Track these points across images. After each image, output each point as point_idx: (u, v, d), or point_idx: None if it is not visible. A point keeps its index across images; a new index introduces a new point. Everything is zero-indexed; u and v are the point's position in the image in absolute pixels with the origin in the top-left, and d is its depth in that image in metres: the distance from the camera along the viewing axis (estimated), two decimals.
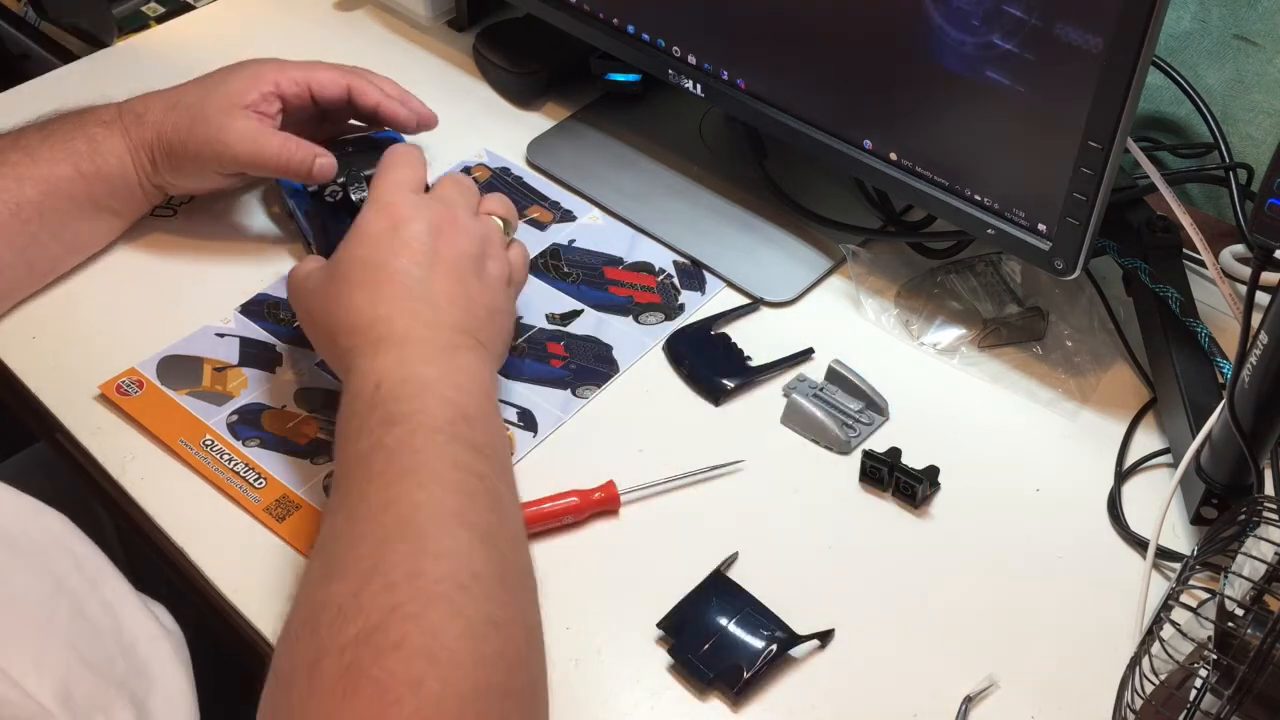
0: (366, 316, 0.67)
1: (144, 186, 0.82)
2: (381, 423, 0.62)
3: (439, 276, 0.69)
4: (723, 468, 0.75)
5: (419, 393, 0.64)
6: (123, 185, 0.82)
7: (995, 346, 0.83)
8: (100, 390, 0.77)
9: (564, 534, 0.72)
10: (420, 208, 0.71)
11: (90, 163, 0.80)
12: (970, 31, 0.70)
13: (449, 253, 0.70)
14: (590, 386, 0.80)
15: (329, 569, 0.57)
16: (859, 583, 0.70)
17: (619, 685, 0.65)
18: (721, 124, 1.00)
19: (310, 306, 0.71)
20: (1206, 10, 0.90)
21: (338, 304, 0.68)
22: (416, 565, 0.56)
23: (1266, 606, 0.54)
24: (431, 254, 0.69)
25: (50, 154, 0.79)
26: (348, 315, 0.67)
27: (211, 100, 0.80)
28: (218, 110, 0.79)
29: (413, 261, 0.69)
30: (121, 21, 1.12)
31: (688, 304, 0.86)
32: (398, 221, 0.70)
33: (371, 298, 0.67)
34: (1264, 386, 0.62)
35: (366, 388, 0.64)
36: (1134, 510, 0.73)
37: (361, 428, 0.62)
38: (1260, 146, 0.93)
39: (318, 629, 0.54)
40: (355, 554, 0.57)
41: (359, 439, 0.62)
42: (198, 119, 0.80)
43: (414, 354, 0.66)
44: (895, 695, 0.65)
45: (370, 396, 0.63)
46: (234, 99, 0.80)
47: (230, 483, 0.73)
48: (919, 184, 0.78)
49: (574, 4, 0.92)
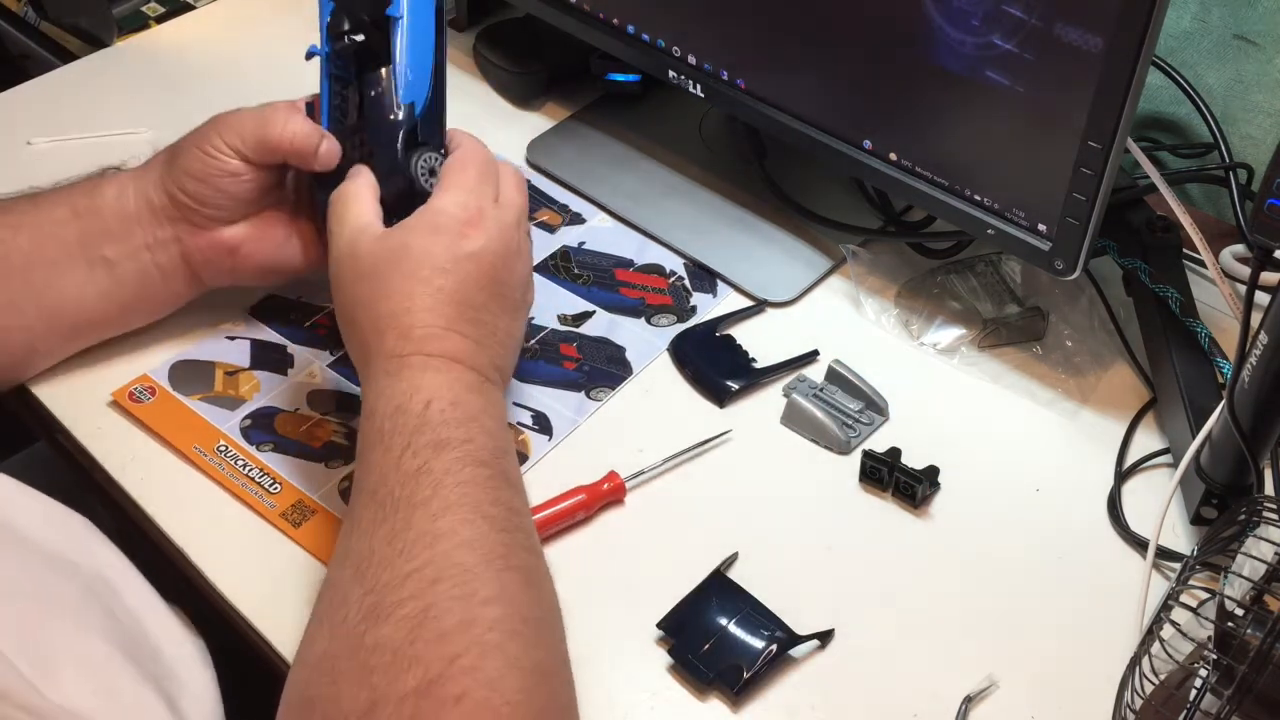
0: (423, 322, 0.65)
1: (143, 224, 0.74)
2: (430, 445, 0.61)
3: (494, 305, 0.68)
4: (712, 440, 0.76)
5: (467, 420, 0.63)
6: (117, 221, 0.74)
7: (995, 346, 0.83)
8: (113, 397, 0.77)
9: (564, 535, 0.72)
10: (496, 223, 0.68)
11: (86, 198, 0.74)
12: (970, 31, 0.70)
13: (508, 279, 0.69)
14: (604, 389, 0.80)
15: (377, 604, 0.55)
16: (859, 583, 0.70)
17: (619, 685, 0.65)
18: (721, 124, 1.00)
19: (361, 271, 0.67)
20: (1206, 10, 0.91)
21: (394, 294, 0.65)
22: (469, 612, 0.55)
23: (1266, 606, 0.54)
24: (496, 281, 0.67)
25: (54, 197, 0.75)
26: (405, 315, 0.65)
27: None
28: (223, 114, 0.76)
29: (478, 284, 0.67)
30: (121, 21, 1.12)
31: (699, 306, 0.86)
32: (478, 229, 0.67)
33: (432, 305, 0.65)
34: (1264, 386, 0.62)
35: (416, 402, 0.62)
36: (1134, 510, 0.73)
37: (408, 445, 0.61)
38: (1260, 146, 0.93)
39: (370, 674, 0.53)
40: (405, 591, 0.55)
41: (404, 456, 0.60)
42: (204, 123, 0.76)
43: (462, 379, 0.65)
44: (895, 695, 0.65)
45: (420, 413, 0.62)
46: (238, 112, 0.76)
47: (245, 489, 0.73)
48: (919, 184, 0.78)
49: (574, 4, 0.92)
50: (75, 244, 0.74)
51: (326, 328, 0.83)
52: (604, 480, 0.73)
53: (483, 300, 0.67)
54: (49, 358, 0.78)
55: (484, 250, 0.67)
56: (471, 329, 0.66)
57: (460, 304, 0.66)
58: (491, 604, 0.56)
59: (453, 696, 0.52)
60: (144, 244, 0.74)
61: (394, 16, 0.72)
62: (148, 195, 0.74)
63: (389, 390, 0.63)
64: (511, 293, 0.69)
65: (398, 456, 0.61)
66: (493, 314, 0.68)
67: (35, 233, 0.73)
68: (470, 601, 0.56)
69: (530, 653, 0.56)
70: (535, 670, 0.55)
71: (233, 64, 1.05)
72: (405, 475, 0.60)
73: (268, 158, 0.73)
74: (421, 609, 0.55)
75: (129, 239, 0.74)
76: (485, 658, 0.54)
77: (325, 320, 0.83)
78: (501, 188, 0.71)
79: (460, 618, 0.55)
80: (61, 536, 0.59)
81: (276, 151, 0.73)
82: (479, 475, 0.61)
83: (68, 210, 0.74)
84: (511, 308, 0.69)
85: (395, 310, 0.65)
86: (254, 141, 0.72)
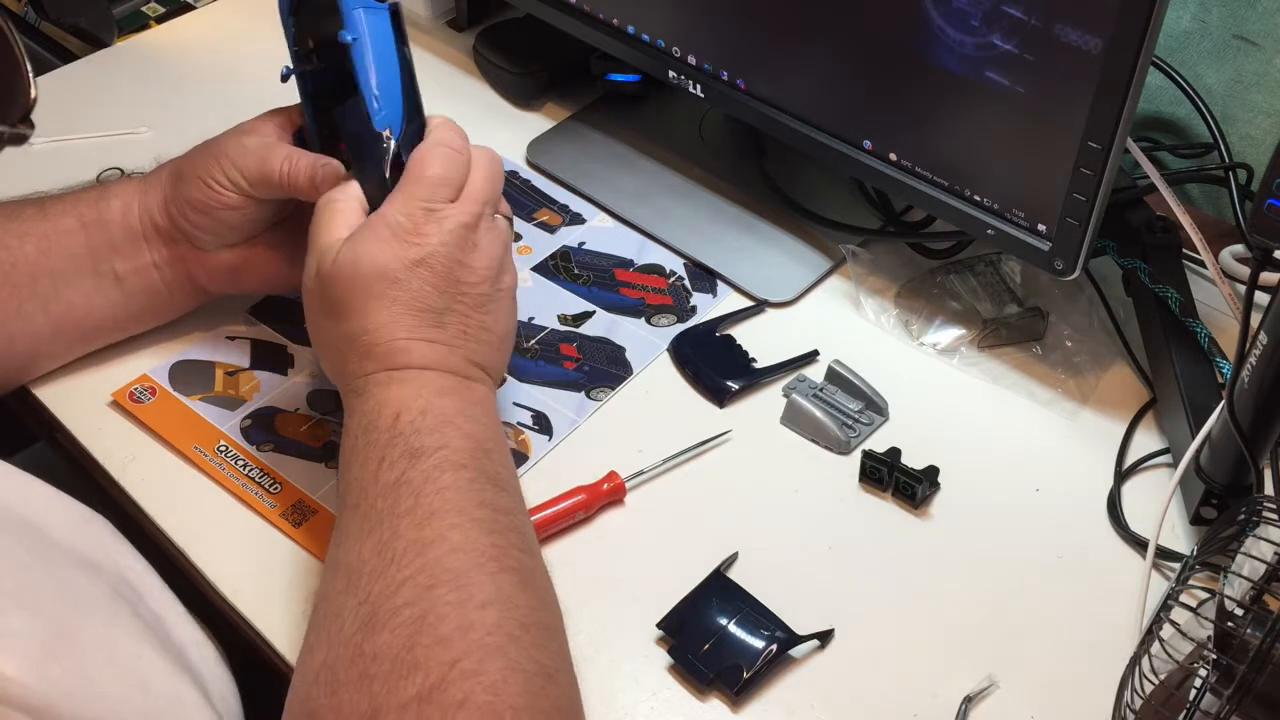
0: (382, 339, 0.64)
1: (150, 242, 0.75)
2: (405, 456, 0.61)
3: (458, 305, 0.66)
4: (712, 441, 0.76)
5: (439, 426, 0.63)
6: (124, 237, 0.74)
7: (995, 346, 0.83)
8: (113, 397, 0.77)
9: (564, 535, 0.72)
10: (449, 222, 0.66)
11: (94, 210, 0.74)
12: (970, 32, 0.70)
13: (469, 278, 0.67)
14: (604, 389, 0.80)
15: (372, 613, 0.55)
16: (859, 583, 0.70)
17: (619, 685, 0.65)
18: (721, 124, 1.00)
19: (323, 296, 0.66)
20: (1206, 10, 0.91)
21: (351, 313, 0.65)
22: (466, 616, 0.55)
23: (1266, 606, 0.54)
24: (453, 281, 0.66)
25: (60, 206, 0.75)
26: (363, 334, 0.64)
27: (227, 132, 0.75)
28: (231, 132, 0.75)
29: (435, 287, 0.65)
30: (121, 21, 1.12)
31: (699, 306, 0.86)
32: (425, 235, 0.65)
33: (389, 319, 0.65)
34: (1263, 386, 0.62)
35: (384, 417, 0.62)
36: (1134, 510, 0.73)
37: (383, 458, 0.61)
38: (1260, 146, 0.93)
39: (370, 681, 0.53)
40: (400, 598, 0.55)
41: (380, 469, 0.61)
42: (210, 141, 0.75)
43: (432, 385, 0.64)
44: (895, 695, 0.65)
45: (390, 427, 0.62)
46: (248, 125, 0.75)
47: (246, 489, 0.73)
48: (919, 184, 0.78)
49: (574, 4, 0.92)
50: (83, 255, 0.74)
51: None
52: (604, 480, 0.73)
53: (444, 303, 0.66)
54: (54, 361, 0.78)
55: (433, 255, 0.65)
56: (436, 333, 0.66)
57: (419, 311, 0.65)
58: (489, 607, 0.56)
59: (455, 702, 0.52)
60: (151, 262, 0.75)
61: (346, 42, 0.69)
62: (152, 215, 0.74)
63: (359, 409, 0.64)
64: (475, 288, 0.67)
65: (374, 470, 0.61)
66: (459, 314, 0.67)
67: (42, 242, 0.73)
68: (467, 606, 0.55)
69: (532, 655, 0.56)
70: (538, 673, 0.55)
71: (233, 64, 1.05)
72: (384, 488, 0.60)
73: (269, 193, 0.73)
74: (418, 615, 0.55)
75: (137, 256, 0.75)
76: (486, 661, 0.54)
77: None
78: (470, 179, 0.69)
79: (458, 622, 0.55)
80: (86, 539, 0.60)
81: (278, 189, 0.72)
82: (459, 480, 0.61)
83: (75, 221, 0.74)
84: (479, 302, 0.68)
85: (353, 331, 0.65)
86: (256, 177, 0.72)
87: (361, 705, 0.53)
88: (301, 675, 0.57)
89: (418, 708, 0.52)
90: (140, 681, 0.53)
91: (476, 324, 0.68)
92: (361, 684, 0.53)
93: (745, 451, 0.77)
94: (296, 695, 0.56)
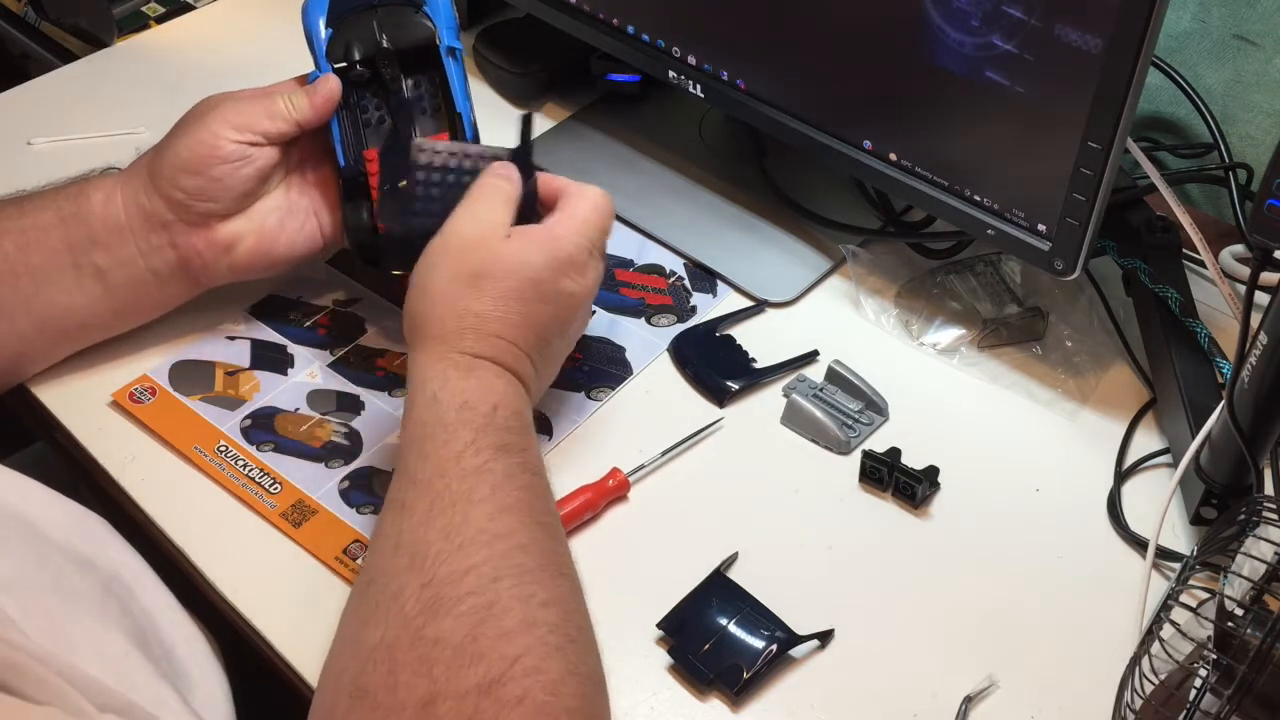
0: (506, 336, 0.66)
1: (135, 230, 0.73)
2: (493, 447, 0.62)
3: (559, 347, 0.71)
4: (705, 430, 0.77)
5: (526, 430, 0.65)
6: (106, 229, 0.73)
7: (995, 346, 0.83)
8: (113, 397, 0.77)
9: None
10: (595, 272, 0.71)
11: (72, 204, 0.73)
12: (970, 32, 0.70)
13: (575, 327, 0.71)
14: (604, 389, 0.80)
15: (436, 597, 0.55)
16: (859, 583, 0.70)
17: (619, 685, 0.65)
18: (721, 124, 1.00)
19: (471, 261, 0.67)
20: (1206, 10, 0.91)
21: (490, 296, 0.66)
22: (530, 613, 0.56)
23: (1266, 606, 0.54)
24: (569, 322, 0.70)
25: (38, 202, 0.73)
26: (492, 322, 0.66)
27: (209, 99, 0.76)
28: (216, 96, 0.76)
29: (560, 321, 0.69)
30: (121, 21, 1.13)
31: (699, 306, 0.86)
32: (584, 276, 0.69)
33: (520, 324, 0.66)
34: (1263, 386, 0.62)
35: (484, 403, 0.63)
36: (1134, 510, 0.73)
37: (472, 441, 0.61)
38: (1260, 146, 0.93)
39: (431, 666, 0.53)
40: (465, 586, 0.56)
41: (465, 452, 0.61)
42: (190, 115, 0.75)
43: (523, 397, 0.66)
44: (895, 695, 0.65)
45: (488, 414, 0.63)
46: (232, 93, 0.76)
47: (245, 489, 0.73)
48: (919, 184, 0.78)
49: (574, 4, 0.92)
50: (62, 250, 0.73)
51: (326, 327, 0.83)
52: (608, 477, 0.73)
53: (553, 338, 0.69)
54: (40, 362, 0.78)
55: (577, 297, 0.69)
56: (539, 359, 0.68)
57: (541, 334, 0.68)
58: (550, 607, 0.57)
59: (514, 698, 0.52)
60: (137, 251, 0.74)
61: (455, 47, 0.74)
62: (138, 199, 0.73)
63: (457, 384, 0.64)
64: (572, 341, 0.73)
65: (459, 451, 0.61)
66: (554, 353, 0.71)
67: (19, 239, 0.72)
68: (530, 603, 0.56)
69: (585, 659, 0.57)
70: (590, 678, 0.56)
71: (233, 64, 1.05)
72: (465, 471, 0.60)
73: (272, 131, 0.73)
74: (483, 605, 0.55)
75: (120, 247, 0.73)
76: (547, 660, 0.54)
77: (325, 320, 0.83)
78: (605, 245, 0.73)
79: (521, 618, 0.55)
80: (80, 536, 0.60)
81: (281, 119, 0.74)
82: (535, 483, 0.62)
83: (53, 215, 0.73)
84: (564, 353, 0.72)
85: (484, 313, 0.66)
86: (257, 116, 0.73)
87: (420, 689, 0.53)
88: (352, 650, 0.56)
89: (476, 700, 0.52)
90: (124, 682, 0.53)
91: (551, 370, 0.72)
92: (421, 667, 0.53)
93: (745, 452, 0.77)
94: (344, 669, 0.56)
